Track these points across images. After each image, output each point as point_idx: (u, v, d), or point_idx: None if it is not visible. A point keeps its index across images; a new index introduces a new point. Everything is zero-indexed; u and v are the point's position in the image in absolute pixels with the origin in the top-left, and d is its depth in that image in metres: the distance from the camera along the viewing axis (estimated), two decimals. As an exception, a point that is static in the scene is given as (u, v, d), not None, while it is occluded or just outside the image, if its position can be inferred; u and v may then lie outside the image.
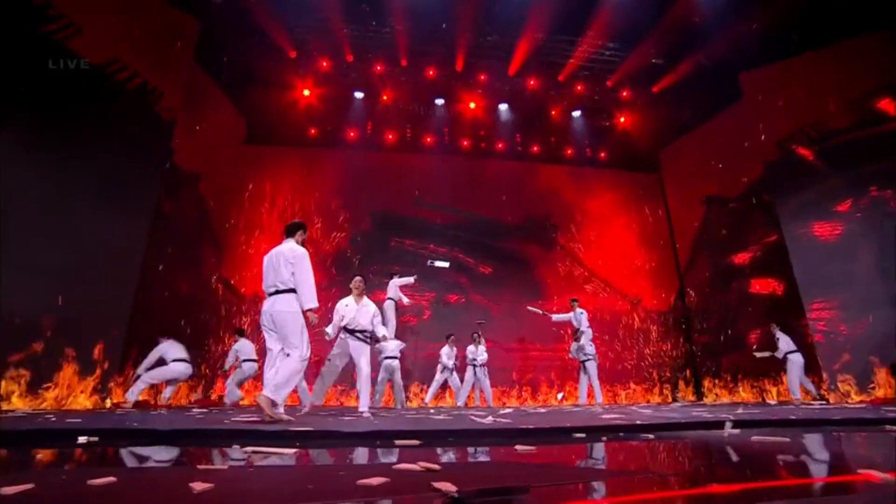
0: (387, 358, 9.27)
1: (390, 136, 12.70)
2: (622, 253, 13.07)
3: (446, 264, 10.89)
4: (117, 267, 8.16)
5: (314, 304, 4.35)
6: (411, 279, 9.94)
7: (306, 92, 11.38)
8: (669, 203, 13.41)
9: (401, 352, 9.52)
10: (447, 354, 9.92)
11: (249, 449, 2.62)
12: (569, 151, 13.52)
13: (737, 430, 3.38)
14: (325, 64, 10.90)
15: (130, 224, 8.45)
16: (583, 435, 3.23)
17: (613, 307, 12.80)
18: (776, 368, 9.46)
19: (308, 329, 4.37)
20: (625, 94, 12.13)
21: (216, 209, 10.84)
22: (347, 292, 6.57)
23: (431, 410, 7.30)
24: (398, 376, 9.32)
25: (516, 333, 12.24)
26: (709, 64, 10.87)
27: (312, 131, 12.25)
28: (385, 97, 11.80)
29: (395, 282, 9.87)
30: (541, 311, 10.15)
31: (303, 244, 4.60)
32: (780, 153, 10.26)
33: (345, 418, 4.78)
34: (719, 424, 3.61)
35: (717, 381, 11.56)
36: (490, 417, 4.63)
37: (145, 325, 8.38)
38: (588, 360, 9.41)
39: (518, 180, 13.32)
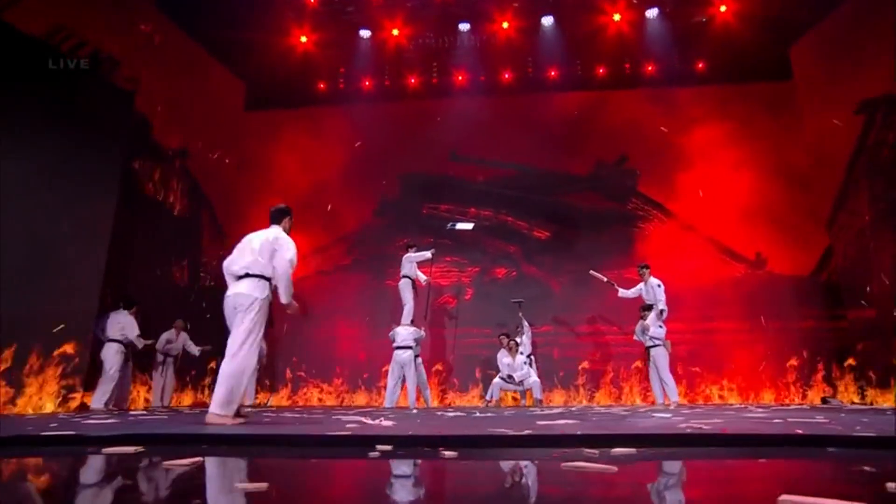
0: (398, 348, 7.67)
1: (413, 81, 10.51)
2: (735, 198, 9.42)
3: (469, 226, 8.88)
4: (79, 261, 7.32)
5: (289, 300, 3.94)
6: (428, 253, 8.12)
7: (303, 38, 9.63)
8: (807, 120, 9.35)
9: (415, 340, 7.77)
10: (508, 365, 8.04)
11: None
12: (649, 68, 10.12)
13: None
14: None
15: (91, 212, 7.55)
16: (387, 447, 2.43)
17: (723, 274, 9.38)
18: None
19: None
20: (721, -32, 8.44)
21: (215, 187, 9.73)
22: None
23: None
24: (412, 371, 7.58)
25: (586, 313, 9.54)
26: None
27: (321, 86, 10.54)
28: (395, 31, 9.59)
29: (410, 256, 8.18)
30: (605, 278, 7.99)
31: (288, 232, 4.13)
32: None
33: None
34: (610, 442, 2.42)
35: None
36: (390, 422, 3.75)
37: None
38: (655, 345, 7.20)
39: (581, 116, 10.34)
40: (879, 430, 2.67)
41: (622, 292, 7.81)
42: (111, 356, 6.78)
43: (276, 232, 4.00)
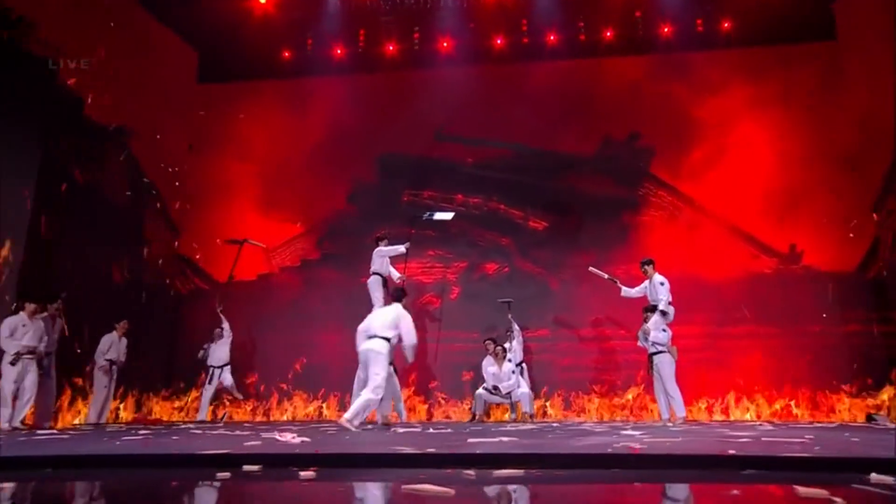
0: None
1: (390, 48, 9.23)
2: (765, 180, 8.14)
3: (449, 216, 7.79)
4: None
5: (412, 360, 5.54)
6: (402, 247, 7.12)
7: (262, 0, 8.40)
8: (852, 87, 8.05)
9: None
10: (493, 375, 7.27)
11: None
12: (665, 30, 8.86)
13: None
14: (267, -50, 7.75)
15: (2, 202, 6.45)
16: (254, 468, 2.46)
17: (750, 269, 8.16)
18: None
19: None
20: None
21: (162, 171, 8.58)
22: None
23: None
24: (391, 379, 6.47)
25: (589, 314, 8.33)
26: None
27: (285, 54, 9.29)
28: (368, -11, 8.34)
29: (381, 250, 7.15)
30: (606, 276, 7.13)
31: (406, 309, 5.47)
32: None
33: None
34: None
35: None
36: (297, 437, 3.54)
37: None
38: (659, 351, 6.39)
39: (585, 88, 9.15)
40: (843, 452, 2.64)
41: (625, 291, 6.82)
42: (4, 366, 5.78)
43: (398, 309, 5.35)
